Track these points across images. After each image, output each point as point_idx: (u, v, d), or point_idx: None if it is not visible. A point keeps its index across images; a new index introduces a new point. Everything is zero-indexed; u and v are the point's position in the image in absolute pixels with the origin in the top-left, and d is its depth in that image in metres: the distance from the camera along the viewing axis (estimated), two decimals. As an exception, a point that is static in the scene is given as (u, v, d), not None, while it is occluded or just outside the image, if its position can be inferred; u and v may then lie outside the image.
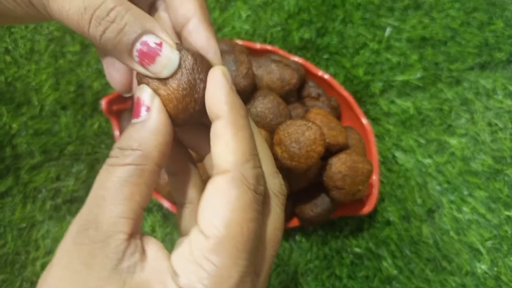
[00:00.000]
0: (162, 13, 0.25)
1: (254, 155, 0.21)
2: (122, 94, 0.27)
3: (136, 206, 0.20)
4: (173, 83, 0.21)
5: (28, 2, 0.21)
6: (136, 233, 0.20)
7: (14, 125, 0.51)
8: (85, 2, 0.20)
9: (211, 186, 0.20)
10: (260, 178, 0.21)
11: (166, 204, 0.45)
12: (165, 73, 0.21)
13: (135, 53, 0.21)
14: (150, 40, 0.21)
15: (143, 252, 0.20)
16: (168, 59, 0.21)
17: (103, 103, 0.47)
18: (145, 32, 0.21)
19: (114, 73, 0.26)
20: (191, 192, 0.25)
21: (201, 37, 0.23)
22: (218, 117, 0.21)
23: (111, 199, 0.19)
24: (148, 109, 0.21)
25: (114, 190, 0.19)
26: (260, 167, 0.21)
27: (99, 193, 0.19)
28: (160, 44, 0.21)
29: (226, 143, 0.20)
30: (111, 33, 0.20)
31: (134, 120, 0.21)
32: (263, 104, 0.42)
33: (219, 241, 0.18)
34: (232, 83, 0.21)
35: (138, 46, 0.21)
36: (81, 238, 0.18)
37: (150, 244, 0.20)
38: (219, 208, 0.19)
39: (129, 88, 0.26)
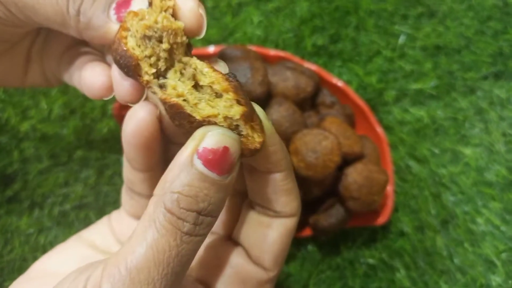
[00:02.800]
0: None
1: None
2: (102, 99, 0.25)
3: None
4: None
5: None
6: None
7: (22, 129, 0.50)
8: None
9: (282, 228, 0.22)
10: None
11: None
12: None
13: (112, 12, 0.21)
14: None
15: None
16: None
17: (114, 108, 0.46)
18: None
19: (92, 77, 0.24)
20: None
21: (186, 6, 0.21)
22: (279, 170, 0.21)
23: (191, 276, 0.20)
24: (233, 167, 0.19)
25: (194, 262, 0.20)
26: None
27: (179, 268, 0.18)
28: None
29: (290, 193, 0.22)
30: (87, 4, 0.21)
31: (213, 175, 0.18)
32: (279, 112, 0.41)
33: (278, 272, 0.23)
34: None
35: (113, 5, 0.21)
36: None
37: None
38: (285, 248, 0.23)
39: (111, 91, 0.24)
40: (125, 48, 0.19)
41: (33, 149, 0.49)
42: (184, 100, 0.19)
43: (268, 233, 0.22)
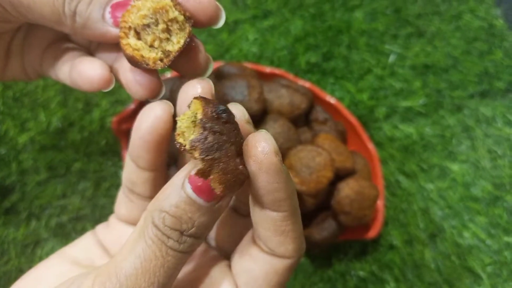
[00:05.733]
0: None
1: None
2: (102, 90, 0.25)
3: None
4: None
5: None
6: None
7: (21, 141, 0.51)
8: None
9: (269, 267, 0.21)
10: None
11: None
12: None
13: (108, 15, 0.22)
14: None
15: None
16: None
17: (113, 121, 0.47)
18: None
19: (91, 70, 0.24)
20: None
21: None
22: (279, 210, 0.19)
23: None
24: (224, 197, 0.19)
25: (188, 280, 0.20)
26: None
27: (165, 280, 0.19)
28: None
29: (287, 235, 0.20)
30: (83, 6, 0.22)
31: (200, 201, 0.18)
32: (274, 129, 0.43)
33: None
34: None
35: (108, 9, 0.22)
36: None
37: None
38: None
39: (111, 81, 0.24)
40: (129, 53, 0.22)
41: (32, 160, 0.50)
42: (182, 135, 0.19)
43: (254, 267, 0.21)
